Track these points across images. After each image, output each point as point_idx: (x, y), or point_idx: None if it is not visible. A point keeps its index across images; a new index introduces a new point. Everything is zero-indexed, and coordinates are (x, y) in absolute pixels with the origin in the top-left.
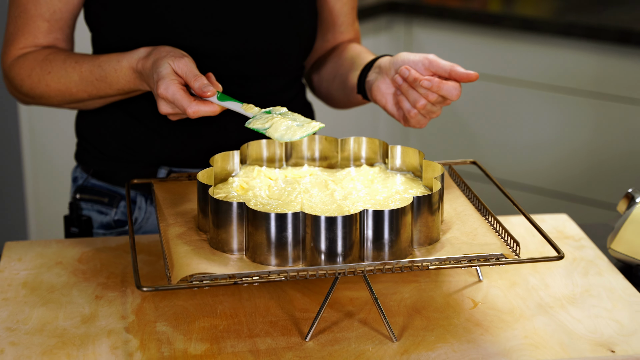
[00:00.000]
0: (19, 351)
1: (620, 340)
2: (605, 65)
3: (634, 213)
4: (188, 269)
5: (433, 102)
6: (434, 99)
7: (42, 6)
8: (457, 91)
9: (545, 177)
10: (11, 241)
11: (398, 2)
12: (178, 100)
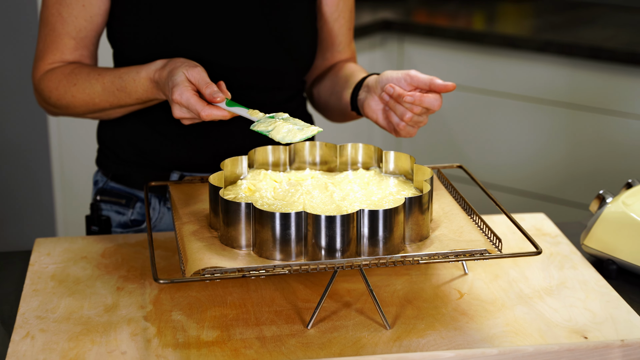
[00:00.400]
0: (47, 337)
1: (592, 328)
2: (578, 79)
3: (604, 213)
4: (201, 263)
5: (418, 113)
6: (419, 110)
7: (69, 25)
8: (438, 102)
9: (524, 179)
10: (41, 238)
11: (391, 21)
12: (192, 105)
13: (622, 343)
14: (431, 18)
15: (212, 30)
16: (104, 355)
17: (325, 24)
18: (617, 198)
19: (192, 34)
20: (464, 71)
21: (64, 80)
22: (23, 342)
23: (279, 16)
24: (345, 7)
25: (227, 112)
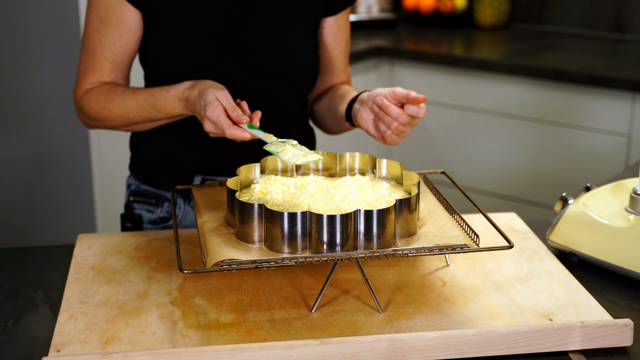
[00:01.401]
0: (88, 319)
1: (557, 311)
2: (543, 97)
3: (567, 212)
4: (219, 256)
5: (403, 123)
6: (404, 120)
7: (107, 51)
8: (421, 110)
9: (498, 183)
10: (82, 233)
11: (383, 47)
12: (220, 122)
13: (582, 324)
14: (418, 45)
15: (231, 57)
16: (137, 335)
17: (325, 51)
18: (578, 200)
19: (214, 59)
20: (446, 90)
21: (102, 98)
22: (67, 323)
23: (288, 46)
24: (342, 37)
25: (248, 133)
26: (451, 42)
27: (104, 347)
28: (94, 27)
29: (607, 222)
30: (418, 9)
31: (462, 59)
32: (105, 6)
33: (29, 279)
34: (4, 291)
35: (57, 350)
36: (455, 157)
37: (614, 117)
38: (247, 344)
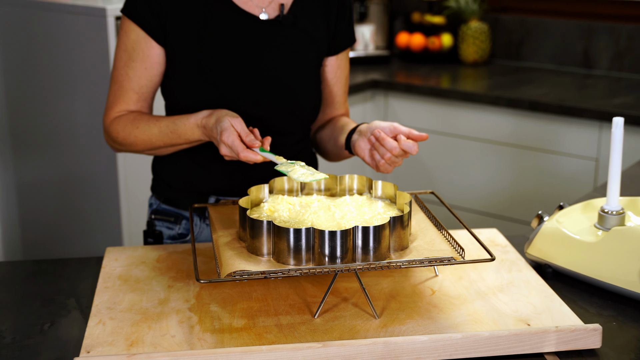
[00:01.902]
0: (115, 323)
1: (534, 317)
2: (520, 125)
3: (542, 228)
4: (232, 267)
5: (396, 155)
6: (397, 152)
7: (133, 83)
8: (415, 147)
9: (481, 202)
10: (110, 247)
11: (378, 80)
12: (235, 147)
13: (557, 329)
14: (409, 78)
15: (244, 90)
16: (158, 338)
17: (326, 86)
18: (552, 217)
19: (229, 92)
20: (434, 119)
21: (129, 125)
22: (96, 327)
23: (294, 82)
24: (342, 74)
25: (260, 156)
26: (439, 76)
27: (129, 349)
28: (122, 62)
29: (578, 237)
30: (409, 47)
31: (449, 91)
32: (133, 43)
33: (62, 287)
34: (40, 298)
35: (87, 352)
36: (443, 178)
37: (583, 143)
38: (256, 347)
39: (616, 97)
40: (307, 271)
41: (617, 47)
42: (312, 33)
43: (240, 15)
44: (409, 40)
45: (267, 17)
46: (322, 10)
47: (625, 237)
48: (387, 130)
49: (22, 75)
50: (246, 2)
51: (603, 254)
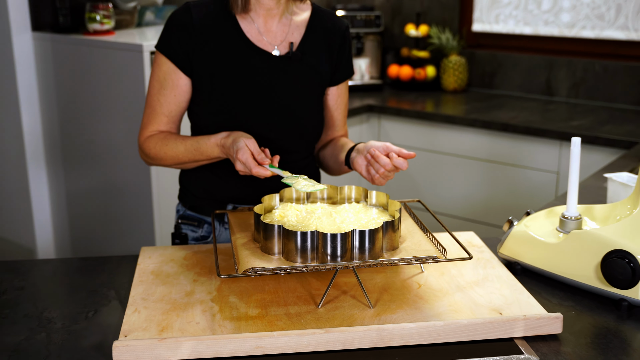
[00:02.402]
0: (148, 312)
1: (505, 307)
2: (493, 143)
3: (512, 231)
4: (248, 264)
5: (389, 170)
6: (389, 168)
7: (164, 108)
8: (405, 164)
9: (460, 209)
10: (145, 246)
11: (373, 105)
12: (248, 163)
13: (524, 317)
14: (399, 104)
15: (258, 115)
16: (185, 325)
17: (328, 112)
18: (521, 222)
19: (245, 117)
20: (420, 138)
21: (160, 143)
22: (133, 315)
23: (300, 109)
24: (342, 101)
25: (269, 171)
26: (424, 102)
27: (160, 333)
28: (155, 89)
29: (542, 239)
30: (399, 77)
31: (432, 115)
32: (164, 74)
33: (104, 281)
34: (85, 290)
35: (125, 336)
36: (428, 188)
37: (546, 158)
38: (268, 332)
39: (574, 120)
40: (312, 268)
41: (574, 78)
42: (317, 67)
43: (255, 52)
44: (399, 71)
45: (279, 53)
46: (325, 48)
47: (582, 239)
48: (381, 149)
49: (73, 99)
50: (261, 40)
51: (563, 254)
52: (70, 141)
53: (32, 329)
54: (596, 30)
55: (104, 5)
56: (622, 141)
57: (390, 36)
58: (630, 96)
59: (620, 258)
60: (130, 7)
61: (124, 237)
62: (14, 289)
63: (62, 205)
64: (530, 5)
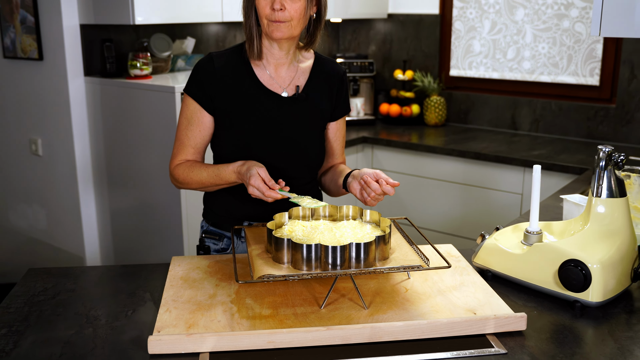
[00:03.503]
0: (178, 311)
1: (478, 308)
2: (468, 169)
3: (485, 244)
4: (261, 272)
5: (378, 194)
6: (379, 193)
7: (191, 141)
8: (392, 190)
9: (440, 225)
10: (175, 256)
11: (367, 137)
12: (260, 188)
13: (495, 317)
14: (389, 136)
15: (269, 147)
16: (208, 322)
17: (328, 143)
18: (491, 236)
19: (258, 148)
20: (407, 165)
21: (187, 170)
22: (165, 314)
23: (305, 142)
24: (340, 134)
25: (279, 194)
26: (410, 135)
27: (187, 330)
28: (183, 125)
29: (510, 250)
30: (389, 113)
31: (417, 145)
32: (191, 112)
33: (141, 285)
34: (126, 292)
35: (158, 331)
36: (414, 207)
37: (512, 182)
38: (279, 329)
39: (534, 150)
40: (315, 275)
41: (534, 115)
42: (319, 106)
43: (267, 94)
44: (389, 109)
45: (287, 94)
46: (326, 89)
47: (543, 250)
48: (372, 176)
49: (116, 132)
50: (272, 84)
51: (527, 263)
52: (113, 167)
53: (81, 324)
54: (552, 75)
55: (143, 54)
56: (575, 168)
57: (381, 79)
58: (581, 130)
59: (574, 266)
60: (165, 55)
61: (158, 248)
62: (66, 291)
63: (106, 220)
64: (497, 54)
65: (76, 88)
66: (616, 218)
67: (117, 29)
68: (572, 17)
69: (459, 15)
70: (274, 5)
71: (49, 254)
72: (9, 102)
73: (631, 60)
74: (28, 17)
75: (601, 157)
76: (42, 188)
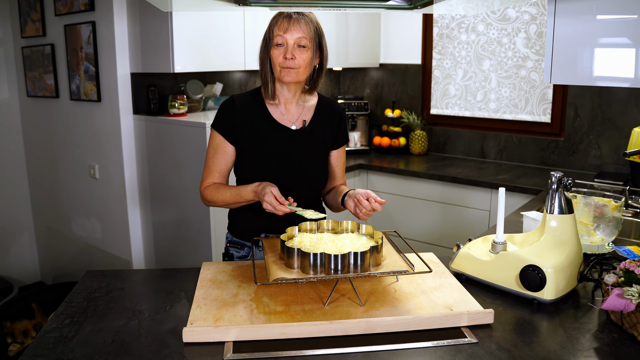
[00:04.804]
0: (207, 308)
1: (455, 305)
2: (445, 191)
3: (459, 252)
4: (276, 275)
5: (368, 210)
6: (369, 209)
7: (217, 167)
8: (380, 207)
9: (423, 236)
10: (205, 262)
11: (363, 164)
12: (272, 204)
13: (468, 312)
14: (381, 163)
15: (281, 171)
16: (232, 317)
17: (331, 167)
18: (465, 245)
19: (271, 172)
20: (395, 187)
21: (214, 191)
22: (196, 309)
23: (310, 168)
24: (341, 160)
25: (288, 209)
26: (398, 162)
27: (215, 322)
28: (210, 154)
29: (480, 258)
30: (381, 145)
31: (404, 171)
32: (217, 144)
33: (177, 285)
34: (164, 291)
35: (191, 324)
36: (401, 222)
37: (481, 201)
38: (290, 323)
39: (499, 175)
40: (320, 278)
41: (499, 146)
42: (323, 137)
43: (278, 127)
44: (380, 141)
45: (295, 127)
46: (328, 124)
47: (507, 257)
48: (364, 195)
49: (157, 159)
50: (283, 119)
51: (494, 268)
52: (155, 188)
53: (129, 317)
54: (513, 114)
55: (181, 96)
56: (532, 189)
57: (374, 117)
58: (536, 159)
59: (532, 270)
60: (198, 97)
61: (191, 254)
62: (117, 289)
63: (149, 231)
64: (469, 97)
65: (126, 124)
66: (566, 231)
67: (160, 76)
68: (528, 67)
69: (437, 65)
70: (287, 55)
71: (103, 258)
72: (74, 135)
73: (575, 103)
74: (90, 67)
75: (553, 181)
76: (98, 204)
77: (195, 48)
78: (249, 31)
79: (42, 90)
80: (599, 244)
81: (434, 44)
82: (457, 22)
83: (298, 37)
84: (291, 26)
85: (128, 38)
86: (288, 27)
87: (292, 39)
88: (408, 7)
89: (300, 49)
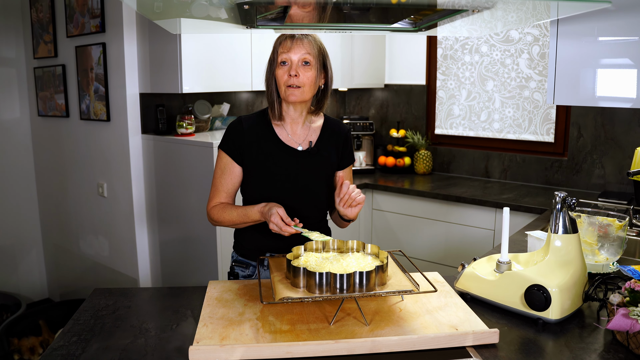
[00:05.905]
0: (213, 326)
1: (460, 325)
2: (450, 210)
3: (464, 272)
4: (282, 294)
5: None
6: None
7: (224, 187)
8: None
9: (428, 255)
10: (211, 280)
11: (368, 183)
12: (279, 225)
13: (473, 332)
14: (386, 182)
15: (287, 192)
16: (238, 335)
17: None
18: (470, 265)
19: (277, 192)
20: (401, 206)
21: (220, 211)
22: (202, 328)
23: (316, 189)
24: (348, 179)
25: (294, 230)
26: (403, 182)
27: (221, 341)
28: (217, 174)
29: (485, 277)
30: (386, 164)
31: (409, 190)
32: (224, 164)
33: (183, 303)
34: (171, 309)
35: (197, 342)
36: (406, 241)
37: (486, 220)
38: (295, 342)
39: (504, 194)
40: (326, 297)
41: (503, 165)
42: (328, 158)
43: (285, 148)
44: (385, 161)
45: (302, 149)
46: (334, 145)
47: (512, 277)
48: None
49: (165, 178)
50: (289, 140)
51: (499, 287)
52: (162, 207)
53: (135, 335)
54: (516, 134)
55: (188, 117)
56: (536, 208)
57: (379, 137)
58: (540, 178)
59: (537, 290)
60: (205, 117)
61: (197, 273)
62: (123, 307)
63: (156, 249)
64: (472, 117)
65: (135, 143)
66: (570, 250)
67: (168, 97)
68: (531, 88)
69: (441, 86)
70: (290, 72)
71: (110, 276)
72: (83, 154)
73: (578, 122)
74: (100, 87)
75: (557, 200)
76: (106, 222)
77: (203, 69)
78: (255, 52)
79: (53, 109)
80: (603, 263)
81: (438, 64)
82: (461, 44)
83: (302, 55)
84: (294, 45)
85: (137, 59)
86: (291, 46)
87: (296, 57)
88: (412, 30)
89: (304, 66)
